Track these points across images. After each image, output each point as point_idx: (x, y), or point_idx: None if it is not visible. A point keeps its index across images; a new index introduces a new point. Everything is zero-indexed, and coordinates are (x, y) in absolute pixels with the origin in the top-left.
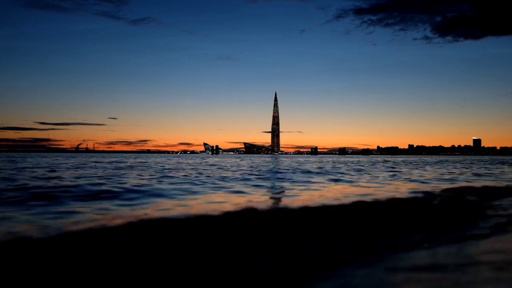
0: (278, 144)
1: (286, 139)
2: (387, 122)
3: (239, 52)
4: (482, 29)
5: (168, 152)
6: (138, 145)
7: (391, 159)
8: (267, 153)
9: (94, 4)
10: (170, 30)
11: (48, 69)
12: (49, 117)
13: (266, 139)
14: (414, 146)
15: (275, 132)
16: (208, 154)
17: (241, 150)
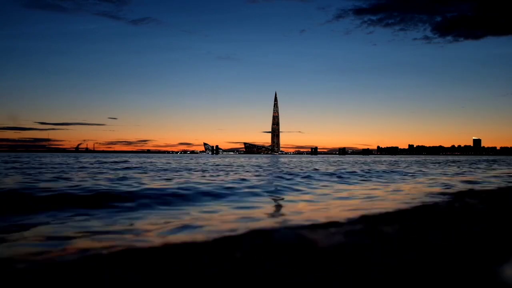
0: (278, 144)
1: (286, 139)
2: (387, 122)
3: (239, 52)
4: (482, 29)
5: (168, 152)
6: (138, 145)
7: (403, 159)
8: (267, 153)
9: (94, 4)
10: (170, 30)
11: (48, 69)
12: (49, 117)
13: (266, 139)
14: (414, 146)
15: (275, 132)
16: (208, 154)
17: (241, 150)
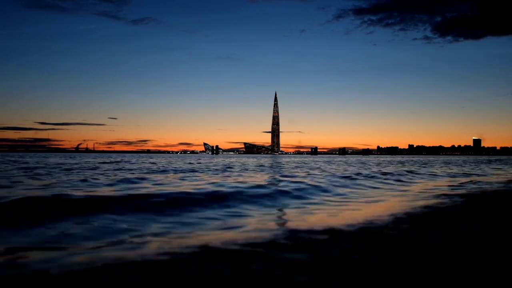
0: (278, 144)
1: (286, 139)
2: (387, 122)
3: (239, 52)
4: (482, 29)
5: (168, 152)
6: (138, 145)
7: (405, 159)
8: (267, 153)
9: (94, 4)
10: (170, 30)
11: (48, 69)
12: (49, 117)
13: (266, 139)
14: (414, 146)
15: (275, 132)
16: (208, 154)
17: (241, 150)
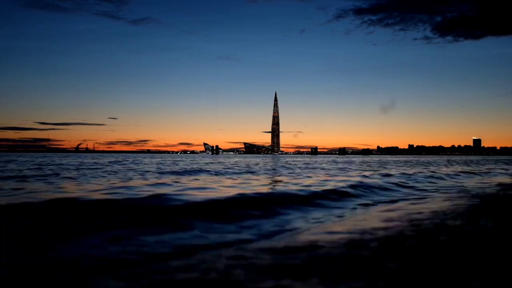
0: (278, 144)
1: (286, 139)
2: (387, 122)
3: (239, 52)
4: (482, 29)
5: (168, 152)
6: (138, 145)
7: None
8: (267, 153)
9: (94, 4)
10: (170, 30)
11: (48, 69)
12: (49, 117)
13: (266, 139)
14: (414, 146)
15: (275, 132)
16: (208, 154)
17: (241, 150)
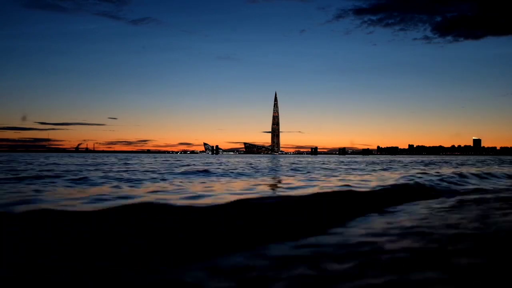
0: (278, 144)
1: (286, 139)
2: (387, 122)
3: (239, 52)
4: (482, 29)
5: (168, 152)
6: (138, 145)
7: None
8: (267, 153)
9: (94, 4)
10: (170, 30)
11: (48, 69)
12: (49, 117)
13: (266, 139)
14: (414, 146)
15: (275, 132)
16: (208, 154)
17: (241, 150)
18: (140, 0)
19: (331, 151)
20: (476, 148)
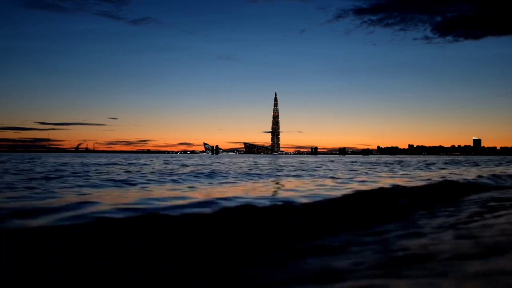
0: (278, 144)
1: (286, 139)
2: (387, 122)
3: (239, 52)
4: (482, 29)
5: (168, 152)
6: (138, 145)
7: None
8: (267, 153)
9: (94, 4)
10: (170, 30)
11: (48, 69)
12: (49, 117)
13: (266, 139)
14: (414, 146)
15: (275, 132)
16: (208, 154)
17: (241, 150)
18: (140, 0)
19: (331, 151)
20: (476, 148)
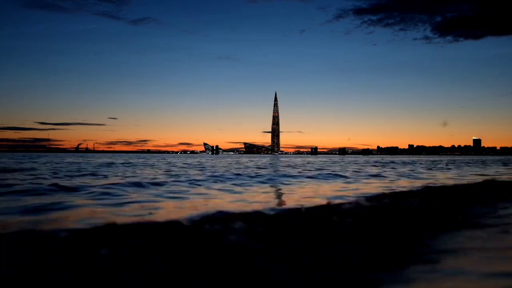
0: (278, 144)
1: (286, 139)
2: (387, 122)
3: (239, 52)
4: (482, 29)
5: (168, 152)
6: (138, 145)
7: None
8: (267, 153)
9: (94, 4)
10: (170, 30)
11: (48, 69)
12: (49, 117)
13: (266, 139)
14: (414, 146)
15: (275, 132)
16: (208, 154)
17: (241, 150)
18: (140, 0)
19: (331, 151)
20: (476, 148)
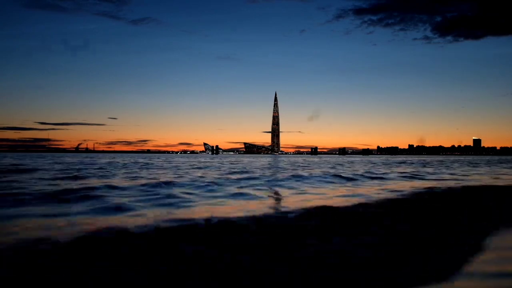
0: (278, 144)
1: (286, 139)
2: (387, 122)
3: (239, 52)
4: (482, 29)
5: (168, 152)
6: (138, 145)
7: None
8: (267, 153)
9: (94, 4)
10: (170, 30)
11: (48, 69)
12: (49, 117)
13: (266, 139)
14: (414, 146)
15: (275, 132)
16: (208, 154)
17: (241, 150)
18: (140, 0)
19: (331, 151)
20: (476, 148)
